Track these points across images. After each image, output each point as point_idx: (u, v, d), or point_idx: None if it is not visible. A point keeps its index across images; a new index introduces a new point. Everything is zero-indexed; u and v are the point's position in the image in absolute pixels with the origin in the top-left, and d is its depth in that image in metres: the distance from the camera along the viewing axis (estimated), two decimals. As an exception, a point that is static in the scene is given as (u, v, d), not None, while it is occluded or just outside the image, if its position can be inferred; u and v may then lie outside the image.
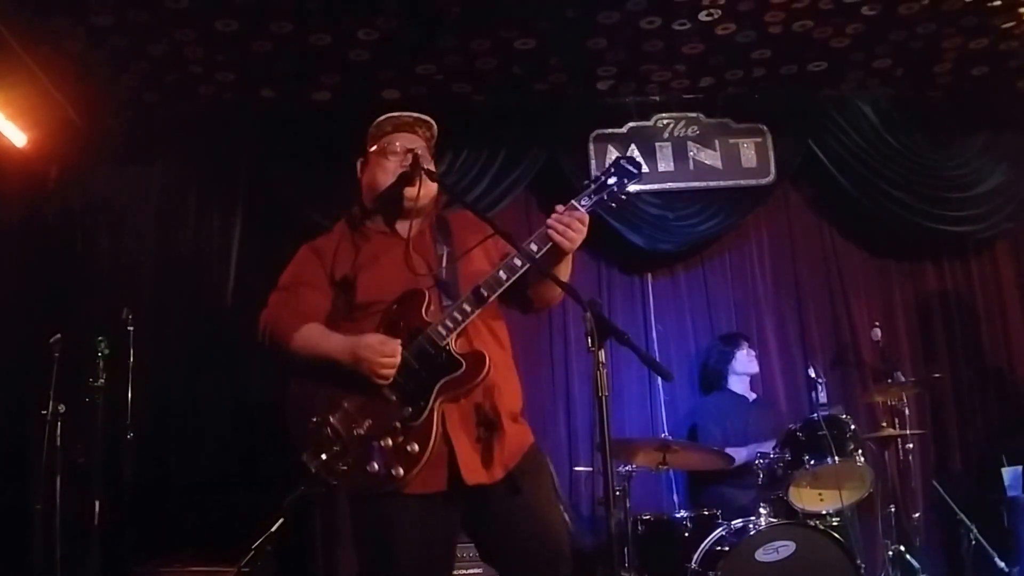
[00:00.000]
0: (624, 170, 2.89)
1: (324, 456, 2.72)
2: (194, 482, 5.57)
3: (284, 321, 2.91)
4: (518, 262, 2.79)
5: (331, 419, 2.75)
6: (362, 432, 2.72)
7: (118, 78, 5.62)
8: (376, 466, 2.68)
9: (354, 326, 2.86)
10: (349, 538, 2.97)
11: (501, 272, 2.79)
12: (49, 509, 4.68)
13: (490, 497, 2.79)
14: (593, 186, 2.87)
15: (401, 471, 2.67)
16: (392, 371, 2.72)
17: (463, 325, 2.78)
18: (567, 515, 2.95)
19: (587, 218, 2.81)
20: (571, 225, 2.77)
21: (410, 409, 2.71)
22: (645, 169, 2.90)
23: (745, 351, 5.92)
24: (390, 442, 2.69)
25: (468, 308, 2.78)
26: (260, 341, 2.94)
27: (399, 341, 2.75)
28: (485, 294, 2.78)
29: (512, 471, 2.82)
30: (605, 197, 2.86)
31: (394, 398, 2.74)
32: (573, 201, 2.83)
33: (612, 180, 2.87)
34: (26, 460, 5.00)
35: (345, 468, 2.71)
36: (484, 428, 2.81)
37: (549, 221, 2.80)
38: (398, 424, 2.71)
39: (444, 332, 2.75)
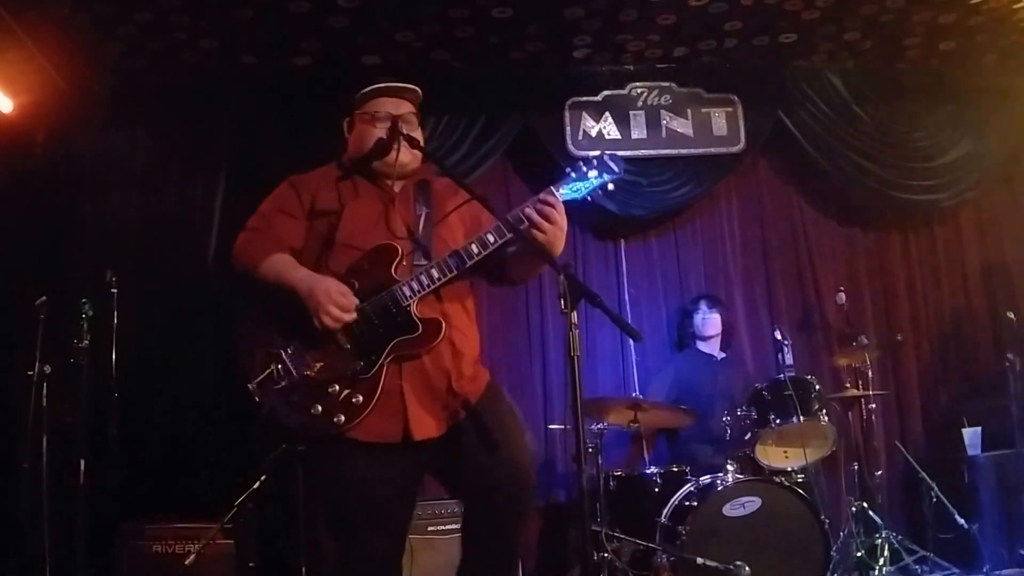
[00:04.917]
0: (606, 166, 2.96)
1: (271, 388, 2.80)
2: (178, 441, 5.64)
3: (257, 245, 2.98)
4: (491, 237, 2.86)
5: (283, 354, 2.81)
6: (311, 374, 2.78)
7: (104, 44, 5.61)
8: (320, 408, 2.76)
9: (325, 262, 2.93)
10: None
11: (473, 246, 2.86)
12: (36, 468, 4.72)
13: (451, 438, 2.88)
14: (573, 175, 2.95)
15: (342, 418, 2.75)
16: (336, 324, 2.77)
17: (428, 291, 2.85)
18: (528, 439, 3.07)
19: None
20: (550, 216, 2.86)
21: (362, 363, 2.78)
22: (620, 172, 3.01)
23: (700, 315, 6.06)
24: (337, 388, 2.77)
25: (436, 275, 2.84)
26: (233, 263, 3.01)
27: (356, 301, 2.80)
28: (454, 265, 2.85)
29: (471, 409, 2.91)
30: (582, 189, 2.94)
31: (348, 347, 2.80)
32: (551, 188, 2.91)
33: (592, 173, 2.95)
34: (13, 420, 5.04)
35: (290, 405, 2.78)
36: (441, 388, 2.87)
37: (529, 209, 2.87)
38: (348, 374, 2.78)
39: (408, 293, 2.81)
